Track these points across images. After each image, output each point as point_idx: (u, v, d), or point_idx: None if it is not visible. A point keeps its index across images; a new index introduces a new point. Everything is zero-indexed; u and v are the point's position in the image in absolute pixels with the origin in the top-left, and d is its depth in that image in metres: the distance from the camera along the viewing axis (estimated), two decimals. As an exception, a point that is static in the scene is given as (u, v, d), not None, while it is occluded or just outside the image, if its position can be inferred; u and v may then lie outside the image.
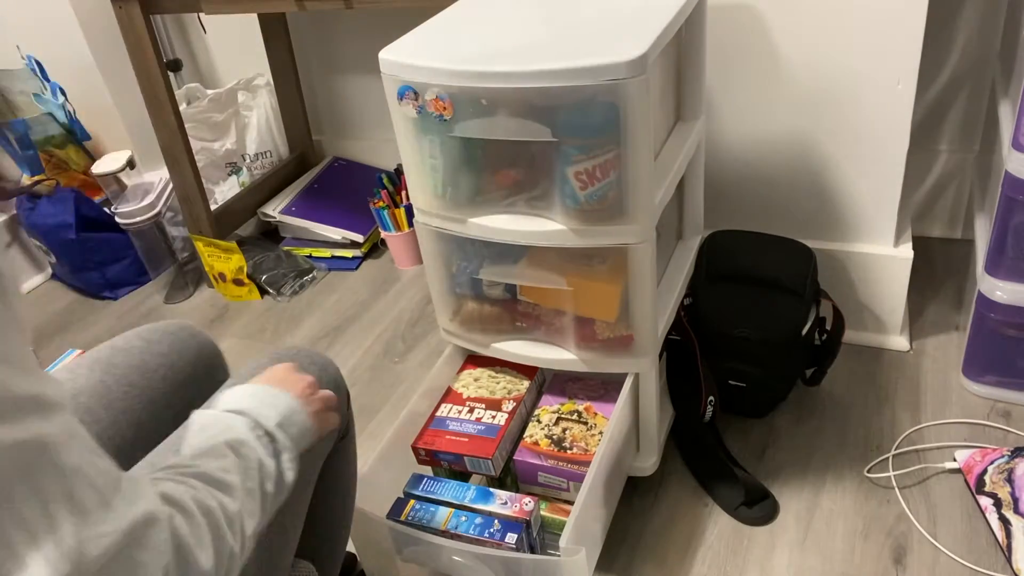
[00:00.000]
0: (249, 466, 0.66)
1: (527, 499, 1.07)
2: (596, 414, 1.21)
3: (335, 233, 2.07)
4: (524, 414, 1.24)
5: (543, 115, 0.98)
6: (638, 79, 0.93)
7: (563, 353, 1.19)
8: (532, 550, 1.08)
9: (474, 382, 1.28)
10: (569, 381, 1.28)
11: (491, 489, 1.10)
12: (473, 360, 1.32)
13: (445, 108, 1.01)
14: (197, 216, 1.98)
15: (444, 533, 1.05)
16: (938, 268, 1.73)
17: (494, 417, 1.20)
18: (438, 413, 1.22)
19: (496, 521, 1.05)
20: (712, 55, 1.33)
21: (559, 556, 0.95)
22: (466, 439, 1.17)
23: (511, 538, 1.03)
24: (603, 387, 1.25)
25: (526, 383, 1.27)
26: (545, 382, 1.32)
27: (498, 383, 1.27)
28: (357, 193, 2.10)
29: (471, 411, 1.22)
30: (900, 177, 1.41)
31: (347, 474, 0.99)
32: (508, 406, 1.22)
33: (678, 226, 1.43)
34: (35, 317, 2.08)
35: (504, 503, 1.07)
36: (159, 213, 2.02)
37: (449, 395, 1.26)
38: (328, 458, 0.90)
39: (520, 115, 1.00)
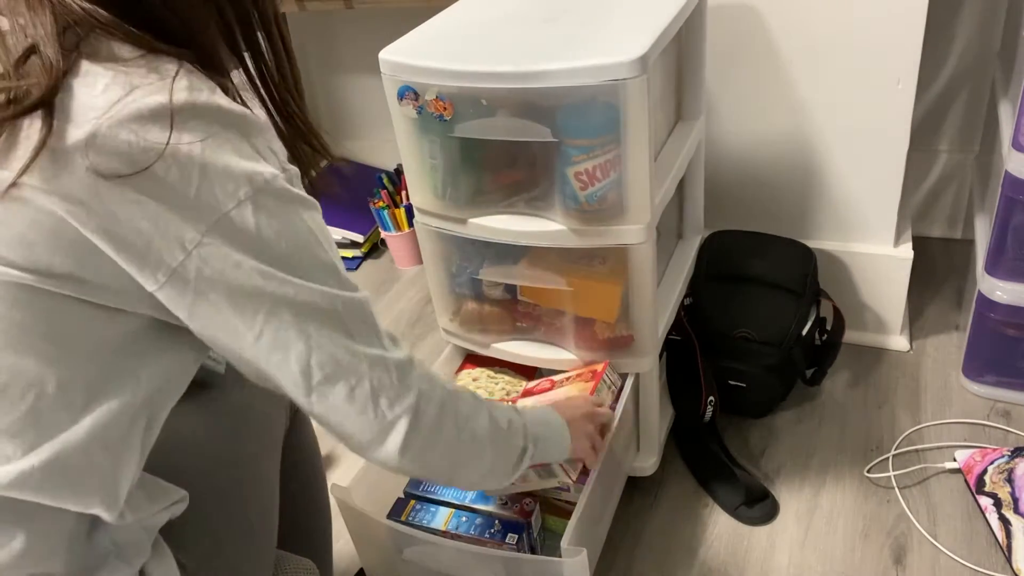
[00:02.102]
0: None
1: (528, 500, 1.07)
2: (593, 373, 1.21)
3: (335, 233, 2.07)
4: (524, 414, 1.24)
5: (543, 115, 0.98)
6: (638, 79, 0.93)
7: (563, 353, 1.19)
8: (533, 551, 1.08)
9: (473, 382, 1.28)
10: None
11: None
12: (472, 360, 1.32)
13: (445, 108, 1.01)
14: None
15: (444, 533, 1.04)
16: (938, 268, 1.73)
17: (494, 417, 1.20)
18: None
19: (497, 521, 1.05)
20: (712, 55, 1.33)
21: (560, 557, 0.95)
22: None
23: (511, 538, 1.02)
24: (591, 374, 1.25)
25: (525, 384, 1.26)
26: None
27: (497, 383, 1.27)
28: (357, 193, 2.10)
29: (471, 411, 1.21)
30: (900, 177, 1.41)
31: (309, 450, 1.01)
32: (508, 406, 1.22)
33: (678, 226, 1.43)
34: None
35: (505, 503, 1.07)
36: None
37: (449, 395, 1.26)
38: (286, 439, 0.93)
39: (520, 115, 1.00)
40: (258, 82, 0.67)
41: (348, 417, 0.67)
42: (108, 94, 0.54)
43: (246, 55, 0.66)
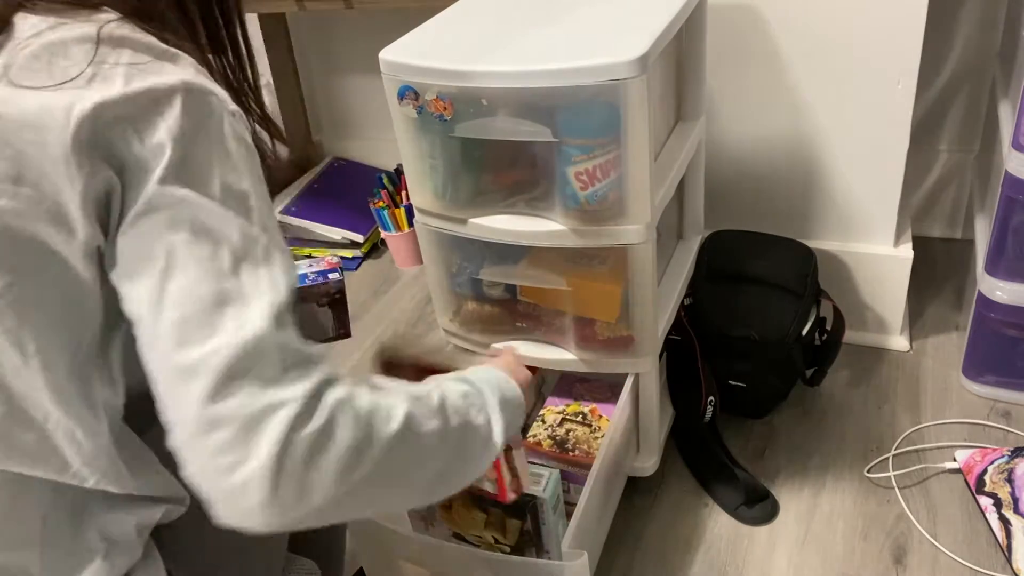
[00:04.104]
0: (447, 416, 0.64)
1: (331, 256, 1.08)
2: (601, 416, 1.21)
3: (335, 233, 2.06)
4: (524, 414, 1.24)
5: (543, 115, 0.98)
6: (638, 79, 0.93)
7: (564, 353, 1.19)
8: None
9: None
10: (577, 382, 1.28)
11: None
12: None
13: (445, 108, 1.01)
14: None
15: None
16: (938, 268, 1.73)
17: (494, 417, 1.20)
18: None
19: (310, 273, 1.07)
20: (712, 55, 1.33)
21: (560, 560, 0.95)
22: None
23: (335, 276, 1.04)
24: (609, 389, 1.25)
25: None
26: (543, 382, 1.32)
27: (498, 383, 1.27)
28: (357, 193, 2.10)
29: (471, 411, 1.21)
30: (900, 177, 1.41)
31: None
32: (508, 406, 1.22)
33: (678, 226, 1.43)
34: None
35: (310, 264, 1.09)
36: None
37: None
38: None
39: (520, 115, 1.00)
40: (218, 72, 0.67)
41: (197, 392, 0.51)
42: (34, 28, 0.56)
43: (207, 44, 0.67)
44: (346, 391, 0.55)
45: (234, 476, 0.50)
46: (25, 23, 0.56)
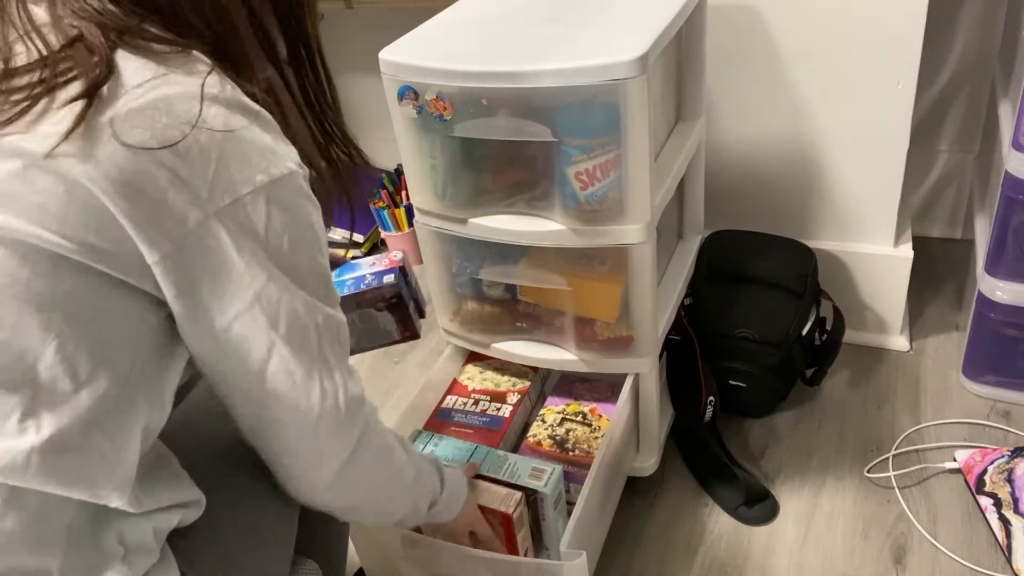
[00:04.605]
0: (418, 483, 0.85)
1: (395, 252, 1.07)
2: (601, 416, 1.21)
3: (335, 233, 2.06)
4: (529, 406, 1.25)
5: (543, 115, 0.98)
6: (638, 79, 0.93)
7: (563, 353, 1.19)
8: (416, 302, 1.08)
9: (479, 374, 1.28)
10: (577, 382, 1.28)
11: (356, 261, 1.09)
12: (477, 355, 1.32)
13: (445, 108, 1.01)
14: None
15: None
16: (938, 268, 1.73)
17: (499, 409, 1.20)
18: (443, 404, 1.23)
19: (368, 275, 1.05)
20: (712, 55, 1.33)
21: (559, 560, 0.95)
22: (471, 431, 1.17)
23: (389, 278, 1.03)
24: (609, 389, 1.25)
25: (531, 376, 1.27)
26: (548, 377, 1.32)
27: (503, 376, 1.27)
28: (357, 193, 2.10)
29: (476, 403, 1.22)
30: (900, 177, 1.41)
31: None
32: (513, 398, 1.22)
33: (678, 226, 1.43)
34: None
35: (372, 263, 1.07)
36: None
37: (454, 387, 1.26)
38: None
39: (520, 115, 1.00)
40: (298, 92, 0.69)
41: (287, 439, 0.69)
42: (140, 75, 0.57)
43: (287, 65, 0.68)
44: (375, 437, 0.76)
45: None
46: (129, 66, 0.57)
